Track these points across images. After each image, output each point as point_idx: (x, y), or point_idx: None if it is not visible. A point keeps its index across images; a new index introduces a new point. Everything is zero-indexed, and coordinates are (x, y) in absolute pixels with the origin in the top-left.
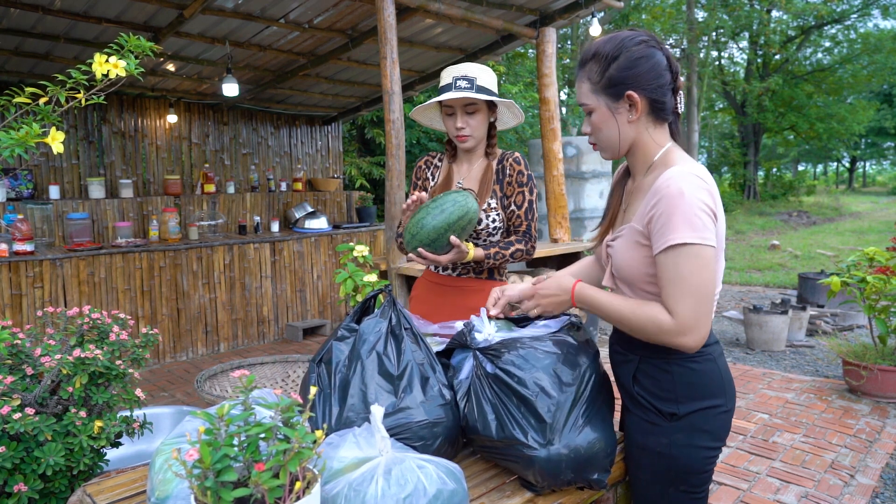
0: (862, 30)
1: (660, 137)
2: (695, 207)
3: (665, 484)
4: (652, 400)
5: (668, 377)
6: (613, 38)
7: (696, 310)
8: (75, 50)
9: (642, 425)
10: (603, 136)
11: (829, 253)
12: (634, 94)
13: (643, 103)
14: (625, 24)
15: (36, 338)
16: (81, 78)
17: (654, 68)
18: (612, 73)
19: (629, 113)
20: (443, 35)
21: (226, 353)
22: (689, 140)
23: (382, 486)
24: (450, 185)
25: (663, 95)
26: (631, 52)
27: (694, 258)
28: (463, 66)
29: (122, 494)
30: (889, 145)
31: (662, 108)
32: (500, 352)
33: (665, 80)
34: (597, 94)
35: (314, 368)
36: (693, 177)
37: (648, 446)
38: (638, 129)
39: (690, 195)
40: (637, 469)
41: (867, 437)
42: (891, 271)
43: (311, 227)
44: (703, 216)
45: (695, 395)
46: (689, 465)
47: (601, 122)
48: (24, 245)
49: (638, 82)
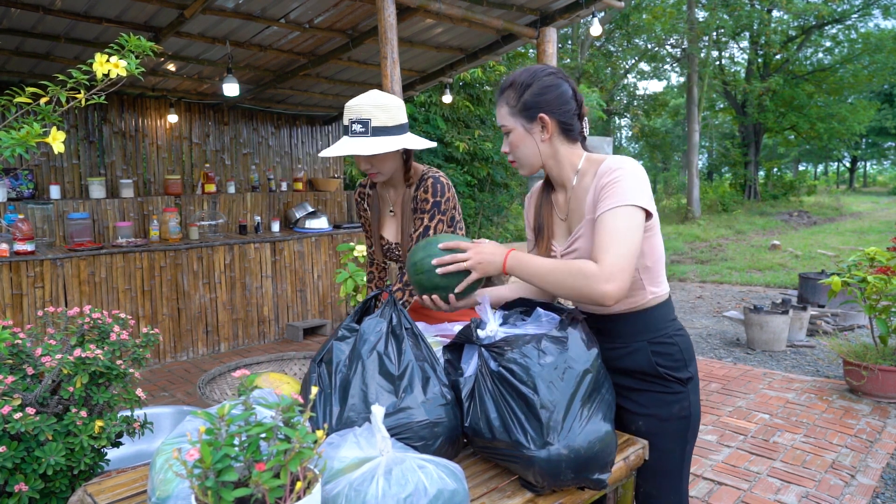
0: (863, 30)
1: (575, 150)
2: (631, 179)
3: (685, 443)
4: (672, 372)
5: (676, 348)
6: (528, 69)
7: (621, 260)
8: (76, 50)
9: (665, 398)
10: (520, 154)
11: (830, 253)
12: (546, 116)
13: (553, 125)
14: (625, 23)
15: (37, 337)
16: (82, 78)
17: (561, 96)
18: (526, 98)
19: (542, 133)
20: (443, 35)
21: (226, 353)
22: (689, 140)
23: (383, 485)
24: (382, 212)
25: (570, 119)
26: (542, 81)
27: (626, 218)
28: (360, 103)
29: (123, 494)
30: (890, 145)
31: (571, 129)
32: (503, 349)
33: (571, 107)
34: (514, 117)
35: (315, 368)
36: (628, 160)
37: (673, 414)
38: (552, 147)
39: (628, 171)
40: (659, 442)
41: (868, 438)
42: (891, 271)
43: (312, 226)
44: (640, 185)
45: (691, 356)
46: (698, 417)
47: (518, 141)
48: (24, 245)
49: (548, 107)
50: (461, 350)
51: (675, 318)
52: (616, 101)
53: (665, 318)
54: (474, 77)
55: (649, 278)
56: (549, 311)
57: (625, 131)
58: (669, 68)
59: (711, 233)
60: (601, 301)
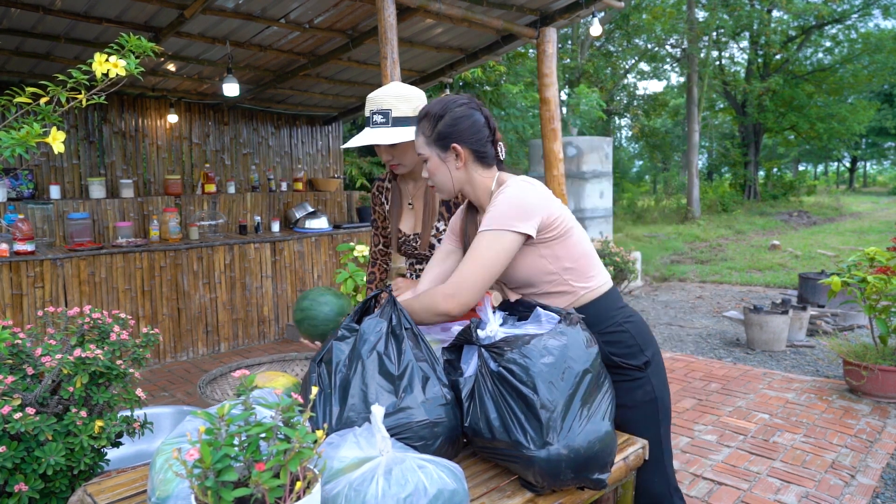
0: (862, 30)
1: (490, 174)
2: (504, 205)
3: (656, 428)
4: (626, 359)
5: (628, 335)
6: (441, 100)
7: (467, 277)
8: (76, 50)
9: (626, 386)
10: (437, 180)
11: (830, 253)
12: (458, 146)
13: (466, 153)
14: (625, 23)
15: (36, 337)
16: (82, 78)
17: (473, 125)
18: (440, 128)
19: (456, 161)
20: (443, 35)
21: (226, 352)
22: (689, 140)
23: (383, 485)
24: (401, 206)
25: (483, 147)
26: (454, 112)
27: (487, 241)
28: (382, 94)
29: (123, 494)
30: (890, 145)
31: (484, 156)
32: (503, 349)
33: (484, 135)
34: (430, 146)
35: (314, 368)
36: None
37: (638, 401)
38: (467, 173)
39: (506, 196)
40: (634, 428)
41: (868, 438)
42: (891, 271)
43: (312, 226)
44: (513, 208)
45: (646, 340)
46: (666, 399)
47: (434, 168)
48: (24, 245)
49: (461, 136)
50: (460, 350)
51: (623, 306)
52: (616, 101)
53: (610, 308)
54: (474, 77)
55: (575, 276)
56: (549, 311)
57: (625, 131)
58: (669, 68)
59: (711, 233)
60: (446, 312)
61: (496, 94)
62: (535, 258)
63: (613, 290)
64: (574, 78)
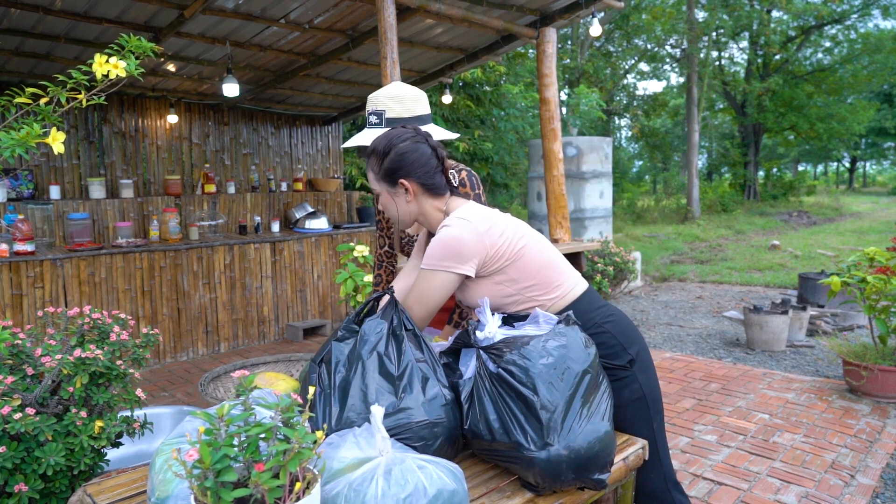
0: (862, 30)
1: (441, 202)
2: (439, 245)
3: (648, 424)
4: (610, 360)
5: (609, 335)
6: (385, 136)
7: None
8: (76, 50)
9: (613, 386)
10: (390, 213)
11: (830, 253)
12: (405, 181)
13: (414, 187)
14: (625, 24)
15: (36, 338)
16: (82, 78)
17: (418, 159)
18: (386, 165)
19: (406, 195)
20: (443, 35)
21: (226, 353)
22: (689, 140)
23: (382, 486)
24: None
25: (431, 178)
26: (398, 148)
27: (429, 280)
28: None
29: (123, 494)
30: (889, 145)
31: (434, 187)
32: (502, 351)
33: (431, 166)
34: (379, 182)
35: (314, 368)
36: (455, 219)
37: (625, 398)
38: (419, 205)
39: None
40: (625, 427)
41: (867, 438)
42: (891, 271)
43: (312, 227)
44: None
45: (629, 339)
46: (656, 394)
47: (386, 203)
48: (24, 245)
49: (408, 171)
50: (458, 353)
51: (602, 306)
52: (616, 102)
53: (587, 311)
54: (474, 77)
55: (540, 290)
56: (547, 312)
57: (625, 131)
58: (669, 68)
59: (711, 233)
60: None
61: (496, 94)
62: (491, 286)
63: (588, 291)
64: (574, 78)
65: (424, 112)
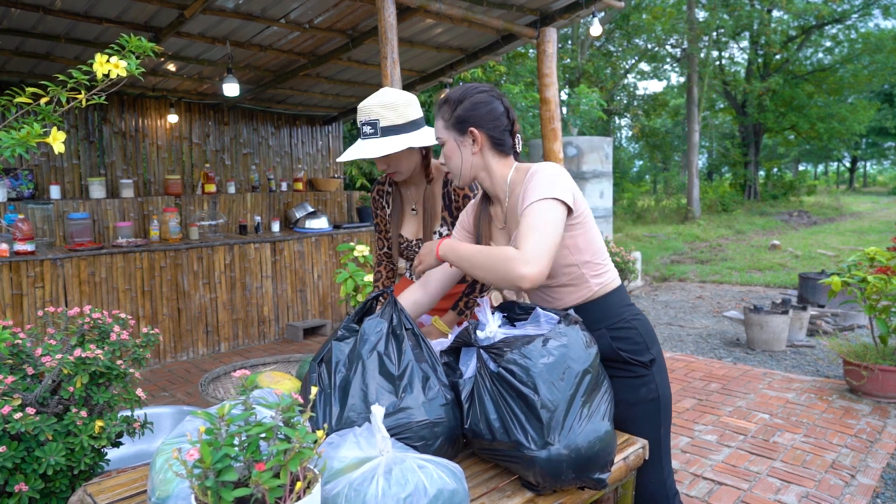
0: (863, 29)
1: (507, 163)
2: (547, 177)
3: (657, 427)
4: (633, 355)
5: (636, 332)
6: (462, 86)
7: (539, 246)
8: (76, 50)
9: (631, 382)
10: (452, 165)
11: (830, 253)
12: (476, 130)
13: (483, 138)
14: (625, 23)
15: (37, 337)
16: (82, 78)
17: (491, 112)
18: (458, 113)
19: (473, 146)
20: (443, 35)
21: (226, 353)
22: (689, 140)
23: (383, 485)
24: (402, 211)
25: (501, 135)
26: (473, 98)
27: (542, 210)
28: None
29: (123, 494)
30: (890, 145)
31: (502, 144)
32: (502, 350)
33: (502, 123)
34: (447, 130)
35: (315, 368)
36: (548, 163)
37: (641, 398)
38: (483, 159)
39: (545, 171)
40: (632, 428)
41: (868, 437)
42: (891, 271)
43: (312, 226)
44: (557, 181)
45: (652, 339)
46: (668, 398)
47: (450, 152)
48: (24, 245)
49: (479, 121)
50: (458, 353)
51: (630, 304)
52: (616, 101)
53: (619, 305)
54: (474, 77)
55: (591, 270)
56: (548, 312)
57: (625, 131)
58: (669, 68)
59: (711, 233)
60: (519, 282)
61: None
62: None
63: (622, 287)
64: (574, 78)
65: (418, 116)
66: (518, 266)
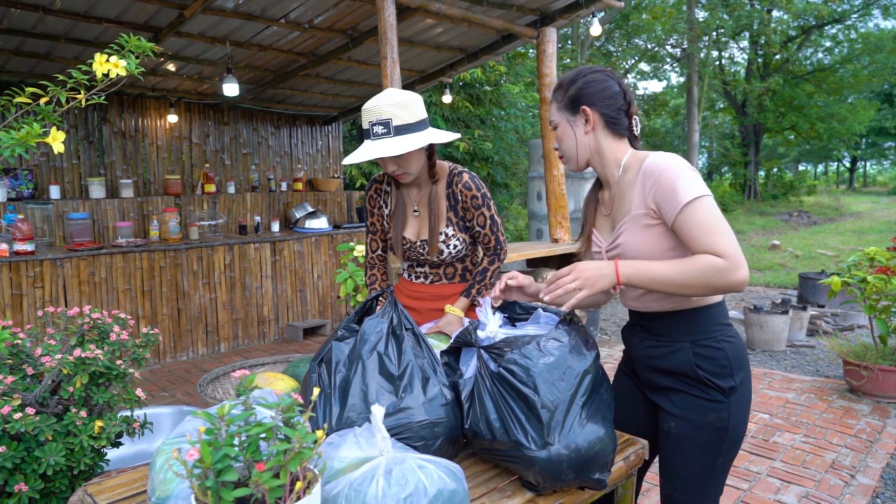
0: (862, 30)
1: (621, 146)
2: (687, 172)
3: (714, 456)
4: (712, 377)
5: (723, 353)
6: (575, 69)
7: (733, 246)
8: (76, 50)
9: (701, 404)
10: (564, 146)
11: (830, 253)
12: (588, 108)
13: (596, 117)
14: (625, 23)
15: (36, 338)
16: (82, 78)
17: (605, 90)
18: (571, 93)
19: (585, 126)
20: (443, 35)
21: (226, 353)
22: (689, 140)
23: (383, 485)
24: (405, 213)
25: (615, 114)
26: (586, 77)
27: (710, 206)
28: (380, 103)
29: (123, 494)
30: (890, 145)
31: (616, 123)
32: (503, 350)
33: (617, 103)
34: (560, 111)
35: (315, 368)
36: (670, 154)
37: (709, 423)
38: (596, 139)
39: (678, 164)
40: (688, 447)
41: (868, 438)
42: (891, 271)
43: (312, 226)
44: (695, 176)
45: (740, 366)
46: (739, 433)
47: (563, 134)
48: (24, 245)
49: (591, 99)
50: (459, 353)
51: (727, 324)
52: None
53: (713, 321)
54: (474, 77)
55: None
56: (548, 312)
57: None
58: (669, 68)
59: None
60: (737, 288)
61: (496, 94)
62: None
63: (721, 304)
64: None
65: (425, 115)
66: (731, 274)
